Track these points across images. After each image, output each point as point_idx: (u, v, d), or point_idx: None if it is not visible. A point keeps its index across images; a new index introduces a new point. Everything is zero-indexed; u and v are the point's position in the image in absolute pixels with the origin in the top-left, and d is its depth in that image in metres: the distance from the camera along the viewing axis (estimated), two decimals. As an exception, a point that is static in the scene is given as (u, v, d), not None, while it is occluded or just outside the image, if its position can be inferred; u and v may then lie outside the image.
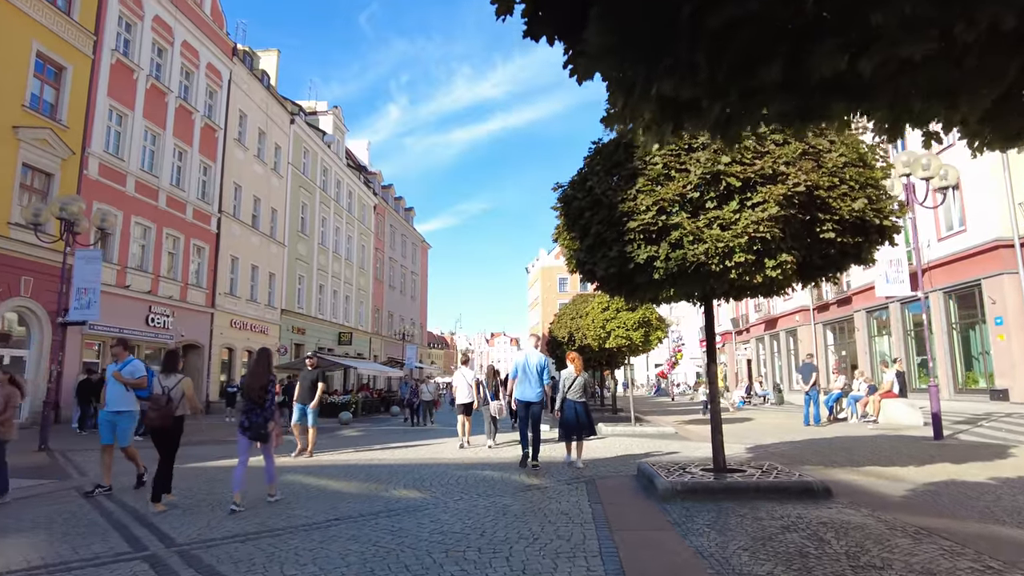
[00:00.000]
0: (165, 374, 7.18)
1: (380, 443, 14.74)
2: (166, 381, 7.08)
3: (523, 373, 9.72)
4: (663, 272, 6.51)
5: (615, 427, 16.22)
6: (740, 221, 6.22)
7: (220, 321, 28.55)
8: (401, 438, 16.07)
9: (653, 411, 27.13)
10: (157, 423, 6.92)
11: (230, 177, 29.53)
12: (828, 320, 33.51)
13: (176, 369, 7.36)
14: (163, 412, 6.88)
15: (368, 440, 15.86)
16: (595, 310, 16.46)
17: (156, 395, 6.98)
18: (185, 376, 7.36)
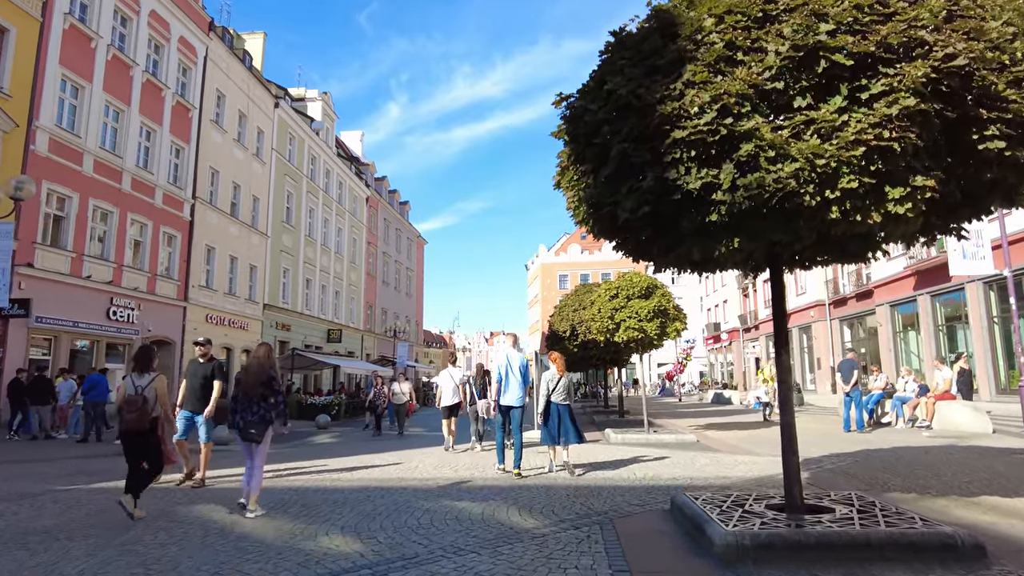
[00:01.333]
0: (138, 373, 6.64)
1: (347, 454, 12.35)
2: (139, 380, 6.56)
3: (507, 376, 9.06)
4: (726, 210, 4.13)
5: (626, 433, 13.84)
6: (851, 124, 3.85)
7: (194, 316, 26.16)
8: (374, 447, 13.67)
9: (661, 412, 24.74)
10: (133, 426, 6.32)
11: (206, 161, 27.15)
12: (845, 316, 31.15)
13: (150, 367, 6.79)
14: (139, 413, 6.32)
15: (335, 450, 13.46)
16: (602, 298, 14.08)
17: (130, 396, 6.40)
18: (159, 374, 6.80)
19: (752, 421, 18.81)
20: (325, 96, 40.52)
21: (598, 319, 13.89)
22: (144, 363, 6.76)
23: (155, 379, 6.64)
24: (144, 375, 6.63)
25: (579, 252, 69.97)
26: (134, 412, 6.30)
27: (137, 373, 6.64)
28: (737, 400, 31.45)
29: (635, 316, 13.40)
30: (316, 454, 12.57)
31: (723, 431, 15.86)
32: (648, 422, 14.50)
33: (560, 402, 8.91)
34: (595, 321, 13.98)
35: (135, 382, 6.53)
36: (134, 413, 6.30)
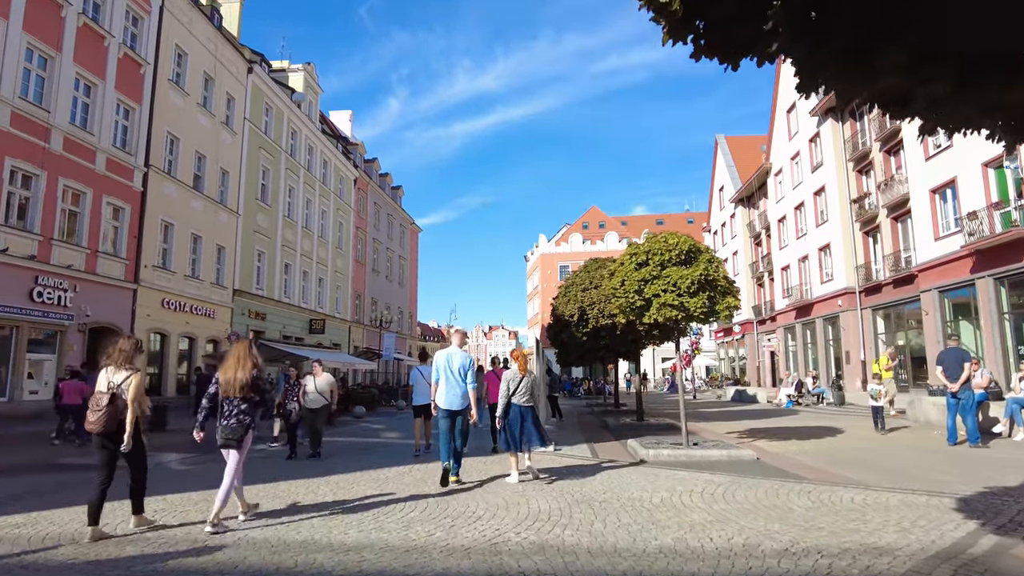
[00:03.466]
0: (115, 368, 5.59)
1: (203, 487, 8.75)
2: (115, 377, 5.54)
3: (444, 374, 8.15)
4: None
5: (659, 448, 10.21)
6: None
7: (147, 300, 22.53)
8: (284, 475, 10.00)
9: (674, 412, 21.18)
10: (94, 428, 5.38)
11: (162, 125, 23.48)
12: (880, 304, 27.53)
13: (127, 364, 5.65)
14: (107, 413, 5.35)
15: (192, 482, 9.85)
16: (626, 267, 10.44)
17: (98, 393, 5.46)
18: (138, 371, 5.69)
19: (805, 426, 15.20)
20: (308, 67, 36.78)
21: (621, 294, 10.26)
22: (122, 358, 5.68)
23: (132, 377, 5.59)
24: (121, 371, 5.61)
25: (580, 242, 66.24)
26: (98, 412, 5.38)
27: (113, 368, 5.63)
28: (763, 397, 27.84)
29: (673, 289, 9.77)
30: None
31: (779, 441, 12.27)
32: (674, 429, 10.90)
33: (523, 404, 8.25)
34: (617, 297, 10.35)
35: (109, 378, 5.57)
36: (97, 413, 5.38)
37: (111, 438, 5.44)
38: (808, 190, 32.82)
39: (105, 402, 5.40)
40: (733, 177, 43.86)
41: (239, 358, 5.98)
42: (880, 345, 27.98)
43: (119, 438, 5.43)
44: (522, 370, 8.35)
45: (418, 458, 10.67)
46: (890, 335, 27.53)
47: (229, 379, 5.87)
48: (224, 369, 5.98)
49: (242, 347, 6.10)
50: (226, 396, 5.86)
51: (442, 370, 8.08)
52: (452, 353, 8.21)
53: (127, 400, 5.46)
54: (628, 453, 10.78)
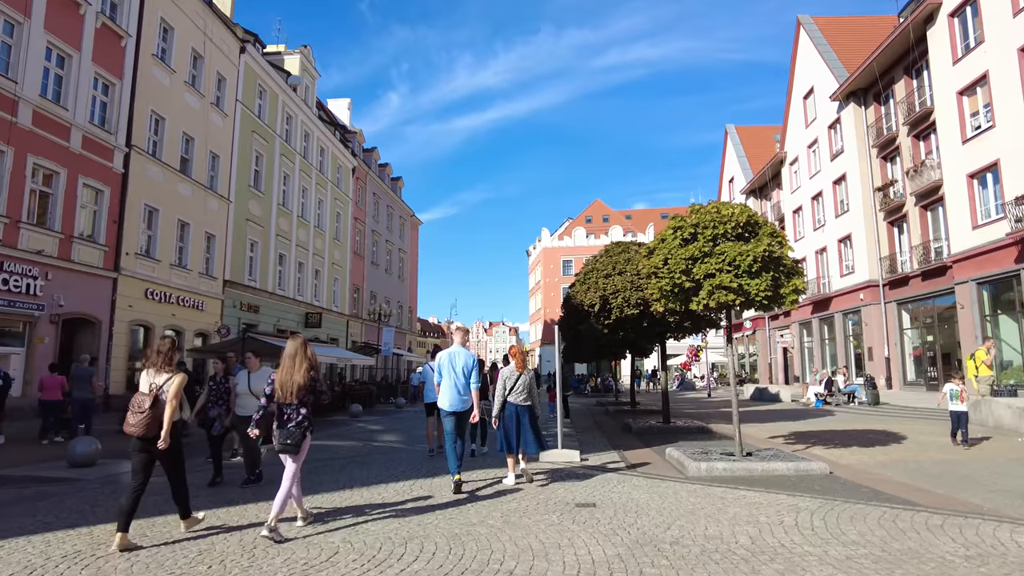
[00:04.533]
0: (155, 369, 5.30)
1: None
2: (156, 378, 5.27)
3: (446, 374, 7.55)
4: None
5: (712, 461, 8.41)
6: None
7: (128, 290, 20.77)
8: (217, 498, 8.21)
9: (703, 413, 19.46)
10: (135, 431, 5.08)
11: (145, 103, 21.70)
12: (906, 298, 25.82)
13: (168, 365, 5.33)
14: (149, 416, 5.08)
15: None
16: (669, 244, 8.69)
17: (139, 395, 5.20)
18: (180, 373, 5.34)
19: (856, 430, 13.48)
20: (305, 50, 34.96)
21: (664, 275, 8.51)
22: (163, 359, 5.30)
23: (173, 378, 5.23)
24: (162, 372, 5.26)
25: (584, 236, 64.41)
26: (139, 414, 5.04)
27: (154, 369, 5.28)
28: (786, 396, 26.11)
29: (730, 268, 8.04)
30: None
31: (839, 448, 10.57)
32: (716, 436, 9.18)
33: (520, 403, 7.83)
34: (659, 278, 8.59)
35: (150, 379, 5.25)
36: (139, 415, 5.04)
37: (151, 442, 5.14)
38: (827, 179, 31.09)
39: (148, 405, 5.10)
40: (744, 168, 42.11)
41: (295, 359, 5.51)
42: (905, 340, 26.30)
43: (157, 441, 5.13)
44: (519, 368, 7.90)
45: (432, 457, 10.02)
46: (917, 331, 25.84)
47: (285, 382, 5.44)
48: (279, 371, 5.57)
49: (297, 346, 5.60)
50: (282, 399, 5.44)
51: (445, 370, 7.62)
52: (455, 352, 7.72)
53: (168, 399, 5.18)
54: (671, 465, 9.04)
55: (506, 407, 7.80)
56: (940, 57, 22.50)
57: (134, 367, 21.23)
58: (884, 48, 25.21)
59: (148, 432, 5.09)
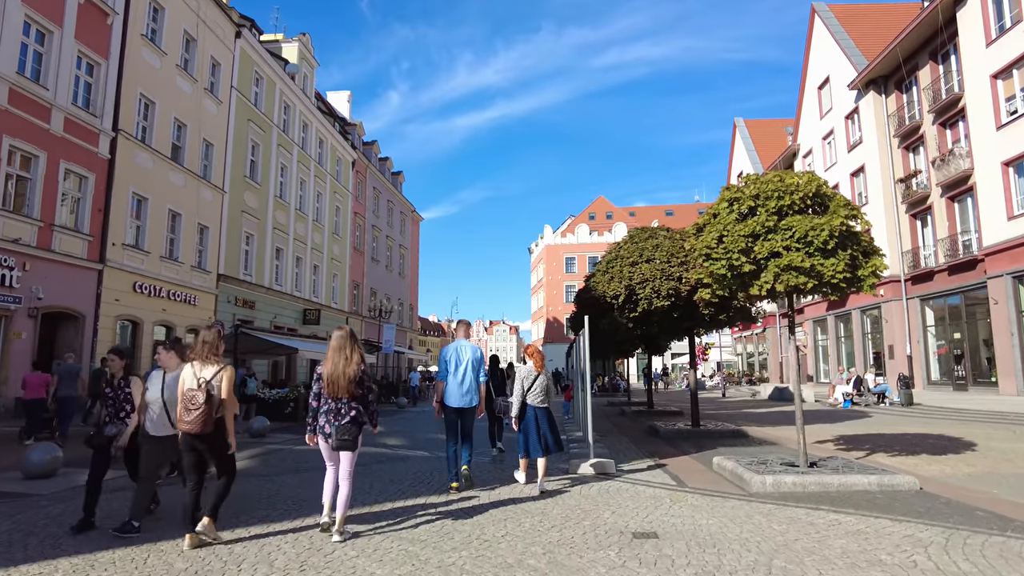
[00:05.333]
0: (202, 363, 5.04)
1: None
2: (204, 372, 4.98)
3: (453, 369, 7.21)
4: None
5: (778, 475, 7.05)
6: None
7: (115, 282, 19.43)
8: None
9: (727, 415, 18.16)
10: (191, 428, 4.82)
11: (133, 85, 20.35)
12: (930, 293, 24.53)
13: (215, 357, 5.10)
14: (204, 413, 4.81)
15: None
16: (723, 219, 7.36)
17: (191, 390, 4.88)
18: (227, 365, 5.10)
19: (913, 434, 12.17)
20: (304, 38, 33.60)
21: (719, 255, 7.19)
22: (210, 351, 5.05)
23: (223, 372, 5.02)
24: (209, 366, 5.01)
25: (587, 233, 62.99)
26: (195, 411, 4.79)
27: (200, 363, 5.01)
28: (809, 396, 24.77)
29: (800, 246, 6.73)
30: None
31: (906, 457, 9.27)
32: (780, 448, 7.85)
33: (538, 405, 7.30)
34: (713, 260, 7.26)
35: (198, 374, 4.95)
36: (195, 412, 4.79)
37: (204, 439, 4.93)
38: (844, 171, 29.80)
39: (202, 400, 4.85)
40: (754, 162, 40.82)
41: (343, 351, 5.18)
42: (928, 338, 25.04)
43: (213, 439, 4.93)
44: (538, 368, 7.44)
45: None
46: (942, 327, 24.55)
47: (335, 375, 5.12)
48: (327, 363, 5.22)
49: (344, 338, 5.28)
50: (332, 395, 5.14)
51: (451, 364, 7.23)
52: (461, 346, 7.35)
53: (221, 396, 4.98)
54: (723, 477, 7.73)
55: (525, 408, 7.32)
56: (971, 39, 21.22)
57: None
58: (908, 33, 23.92)
59: (204, 429, 4.85)
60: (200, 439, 4.91)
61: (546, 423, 7.32)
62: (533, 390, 7.34)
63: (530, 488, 7.13)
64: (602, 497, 6.56)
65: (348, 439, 5.09)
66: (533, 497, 6.66)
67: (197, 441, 4.92)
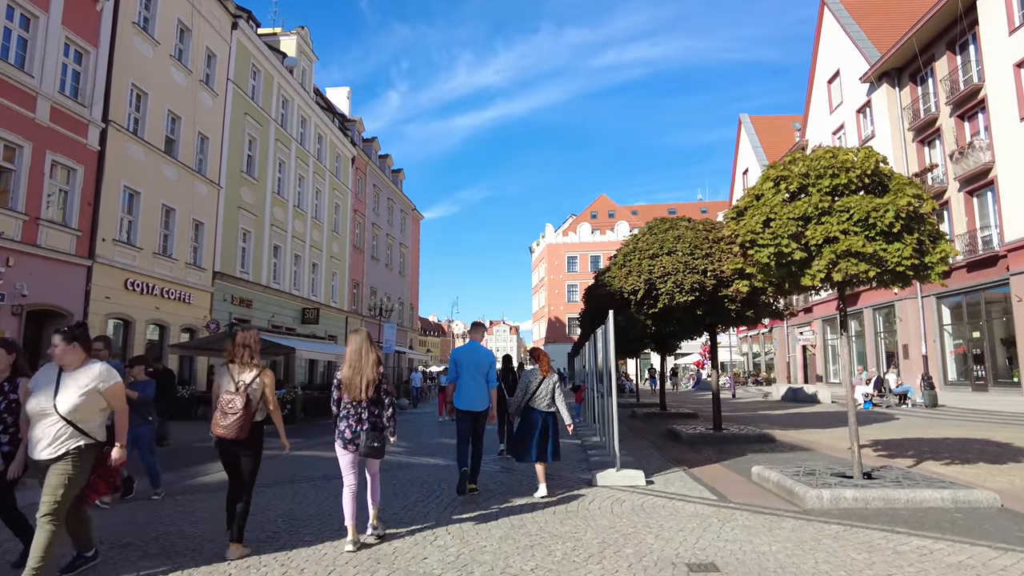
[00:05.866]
0: (240, 365, 4.78)
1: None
2: (241, 375, 4.74)
3: (465, 371, 6.97)
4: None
5: (837, 488, 6.14)
6: None
7: (105, 279, 18.56)
8: None
9: (749, 417, 17.32)
10: (229, 433, 4.56)
11: (125, 75, 19.49)
12: (947, 291, 23.68)
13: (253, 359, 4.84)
14: (243, 418, 4.58)
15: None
16: (770, 201, 6.51)
17: (229, 394, 4.63)
18: (266, 367, 4.91)
19: (958, 439, 11.31)
20: (302, 31, 32.74)
21: (766, 240, 6.34)
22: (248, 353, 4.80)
23: (262, 374, 4.81)
24: (247, 368, 4.77)
25: (589, 232, 62.15)
26: (233, 415, 4.55)
27: (238, 365, 4.78)
28: (825, 397, 23.95)
29: (860, 228, 5.89)
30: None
31: (965, 467, 8.42)
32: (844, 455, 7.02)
33: (545, 410, 6.96)
34: (760, 247, 6.41)
35: (235, 376, 4.73)
36: (233, 416, 4.55)
37: (241, 445, 4.66)
38: (855, 167, 28.93)
39: (240, 405, 4.58)
40: (760, 158, 40.00)
41: (361, 353, 5.00)
42: (945, 337, 24.21)
43: (250, 445, 4.69)
44: (544, 371, 7.12)
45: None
46: (959, 326, 23.72)
47: (354, 380, 4.94)
48: (344, 368, 5.04)
49: (362, 340, 5.11)
50: (353, 399, 4.95)
51: (463, 367, 7.01)
52: (472, 349, 7.17)
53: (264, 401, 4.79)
54: (765, 489, 6.88)
55: (530, 412, 7.01)
56: (993, 28, 20.41)
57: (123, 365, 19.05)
58: (925, 22, 23.11)
59: (240, 435, 4.63)
60: (237, 444, 4.68)
61: (553, 430, 7.03)
62: (540, 395, 7.00)
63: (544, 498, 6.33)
64: (639, 516, 5.72)
65: (378, 446, 4.91)
66: (555, 511, 5.83)
67: (234, 447, 4.70)
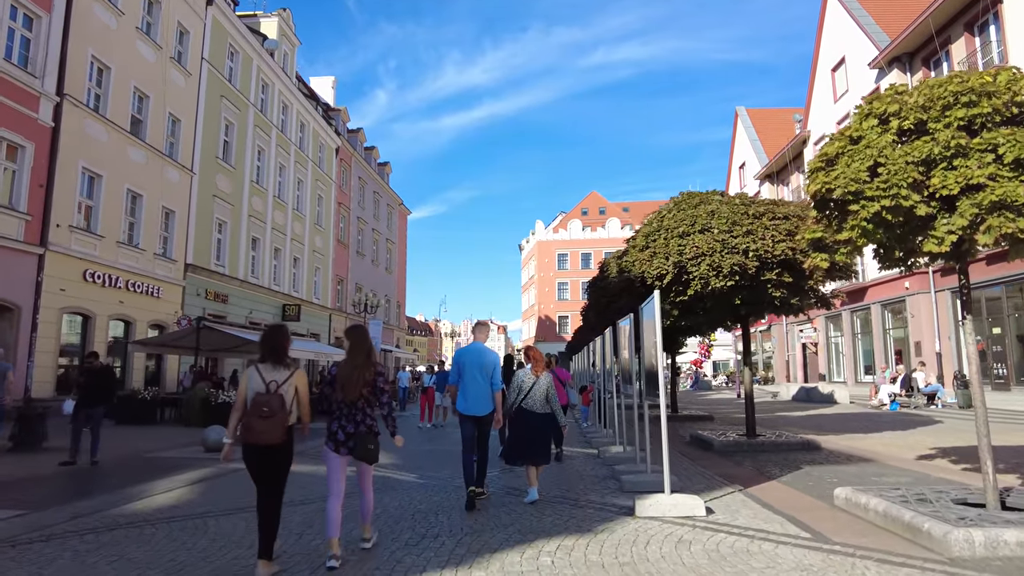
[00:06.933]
0: (271, 364, 4.35)
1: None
2: (272, 374, 4.29)
3: (468, 373, 6.43)
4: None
5: (987, 527, 4.56)
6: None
7: (60, 269, 16.63)
8: None
9: (769, 419, 15.73)
10: (266, 437, 4.13)
11: (83, 46, 17.57)
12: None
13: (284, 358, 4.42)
14: (275, 420, 4.14)
15: None
16: (874, 143, 4.86)
17: (261, 395, 4.18)
18: (298, 368, 4.48)
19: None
20: (284, 13, 30.81)
21: (878, 193, 4.67)
22: (279, 351, 4.41)
23: (294, 374, 4.35)
24: (279, 368, 4.33)
25: (580, 229, 60.53)
26: (268, 417, 4.10)
27: (269, 364, 4.33)
28: (842, 396, 22.44)
29: (1012, 173, 4.24)
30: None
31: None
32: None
33: (540, 411, 6.55)
34: (866, 204, 4.75)
35: (265, 377, 4.26)
36: (269, 420, 4.10)
37: (276, 451, 4.22)
38: (861, 157, 27.54)
39: (277, 405, 4.16)
40: (758, 152, 38.57)
41: (358, 350, 4.64)
42: (961, 333, 22.81)
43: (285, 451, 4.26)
44: (537, 371, 6.71)
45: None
46: (978, 322, 22.33)
47: (350, 378, 4.52)
48: (341, 366, 4.63)
49: (360, 337, 4.73)
50: (347, 399, 4.52)
51: (468, 369, 6.44)
52: (477, 350, 6.60)
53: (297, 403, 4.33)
54: (865, 520, 5.23)
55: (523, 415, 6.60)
56: (1018, 5, 19.03)
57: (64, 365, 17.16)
58: (941, 3, 21.71)
59: (276, 439, 4.16)
60: (272, 450, 4.21)
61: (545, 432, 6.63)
62: (532, 395, 6.58)
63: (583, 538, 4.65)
64: (721, 568, 4.04)
65: (372, 448, 4.54)
66: (600, 556, 4.15)
67: (269, 453, 4.22)
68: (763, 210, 9.10)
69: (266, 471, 4.27)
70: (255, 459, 4.23)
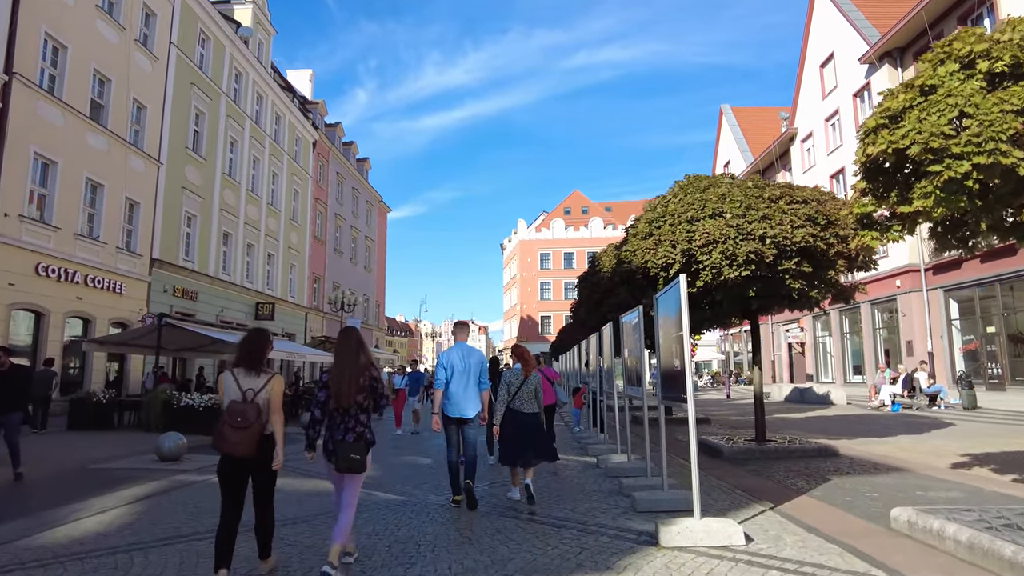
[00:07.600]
0: (245, 370, 4.03)
1: None
2: (249, 381, 4.00)
3: (456, 374, 6.24)
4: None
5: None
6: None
7: (8, 262, 15.28)
8: None
9: (749, 421, 14.93)
10: (240, 450, 3.84)
11: (35, 21, 16.22)
12: (957, 283, 21.71)
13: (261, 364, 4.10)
14: (250, 431, 3.84)
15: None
16: (956, 90, 3.95)
17: (236, 404, 3.89)
18: (276, 374, 4.14)
19: None
20: (259, 0, 29.48)
21: (969, 148, 3.74)
22: (256, 356, 4.08)
23: (272, 380, 4.04)
24: (255, 374, 4.02)
25: (563, 228, 59.66)
26: (243, 429, 3.81)
27: (244, 370, 4.02)
28: (839, 397, 21.73)
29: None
30: None
31: None
32: None
33: (527, 411, 6.40)
34: (950, 163, 3.83)
35: (241, 384, 3.97)
36: (243, 431, 3.81)
37: (253, 462, 3.94)
38: (850, 154, 26.97)
39: (253, 415, 3.84)
40: (743, 150, 38.00)
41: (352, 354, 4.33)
42: (953, 332, 22.29)
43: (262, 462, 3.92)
44: (527, 370, 6.51)
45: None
46: (970, 321, 21.81)
47: (344, 384, 4.23)
48: (333, 370, 4.35)
49: (352, 339, 4.43)
50: (339, 406, 4.23)
51: (455, 370, 6.20)
52: (464, 350, 6.37)
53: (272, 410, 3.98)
54: (940, 550, 4.32)
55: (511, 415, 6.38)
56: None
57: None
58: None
59: (248, 451, 3.86)
60: (249, 462, 3.91)
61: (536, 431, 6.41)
62: (522, 395, 6.43)
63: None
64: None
65: (358, 458, 4.14)
66: None
67: (245, 464, 3.92)
68: (779, 193, 8.22)
69: (239, 484, 3.98)
70: (228, 470, 3.96)
